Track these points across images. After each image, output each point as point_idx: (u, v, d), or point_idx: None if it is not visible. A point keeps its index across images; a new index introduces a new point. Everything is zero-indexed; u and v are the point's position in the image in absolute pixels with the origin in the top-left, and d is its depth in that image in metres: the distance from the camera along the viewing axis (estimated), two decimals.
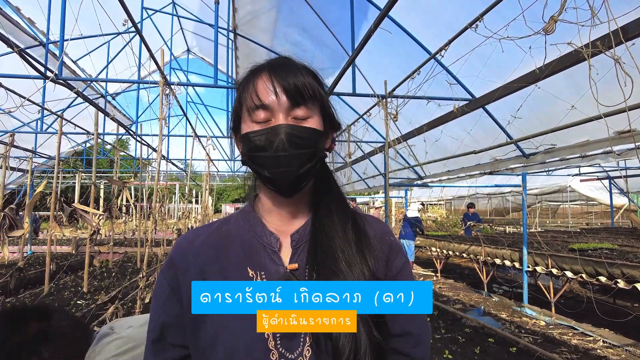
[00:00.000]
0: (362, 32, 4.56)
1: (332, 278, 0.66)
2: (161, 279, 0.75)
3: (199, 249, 0.75)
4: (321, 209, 0.76)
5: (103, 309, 4.80)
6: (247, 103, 0.69)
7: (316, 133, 0.69)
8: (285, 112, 0.67)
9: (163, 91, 4.18)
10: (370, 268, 0.70)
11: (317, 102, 0.70)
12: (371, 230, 0.77)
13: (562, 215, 16.82)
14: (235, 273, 0.71)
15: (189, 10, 8.14)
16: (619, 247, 5.32)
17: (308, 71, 0.72)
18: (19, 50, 3.23)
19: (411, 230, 8.70)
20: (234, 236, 0.76)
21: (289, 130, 0.66)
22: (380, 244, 0.77)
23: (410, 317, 0.74)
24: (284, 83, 0.66)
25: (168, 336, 0.72)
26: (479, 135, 5.39)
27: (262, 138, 0.66)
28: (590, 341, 4.49)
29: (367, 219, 0.80)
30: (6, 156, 5.53)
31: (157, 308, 0.74)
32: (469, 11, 3.47)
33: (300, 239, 0.74)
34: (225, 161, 11.95)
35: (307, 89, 0.67)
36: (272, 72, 0.68)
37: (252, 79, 0.70)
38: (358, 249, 0.71)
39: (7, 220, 4.08)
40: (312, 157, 0.69)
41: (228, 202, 45.52)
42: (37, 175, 11.62)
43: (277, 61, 0.72)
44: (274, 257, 0.72)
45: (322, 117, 0.73)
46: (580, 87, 3.63)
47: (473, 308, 6.05)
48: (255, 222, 0.76)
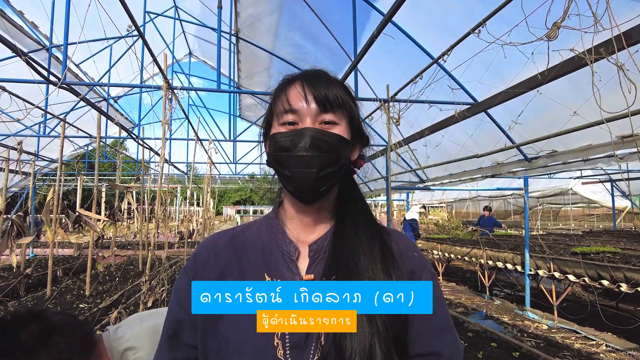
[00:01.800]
0: (365, 35, 4.58)
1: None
2: (183, 276, 0.76)
3: (221, 251, 0.76)
4: (345, 220, 0.75)
5: (106, 313, 4.80)
6: (278, 109, 0.71)
7: (340, 139, 0.70)
8: (313, 117, 0.69)
9: (166, 95, 4.19)
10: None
11: (346, 112, 0.72)
12: (395, 245, 0.75)
13: (564, 217, 16.79)
14: (252, 277, 0.72)
15: (191, 13, 8.17)
16: (621, 250, 5.31)
17: (341, 85, 0.74)
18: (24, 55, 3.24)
19: (411, 232, 8.71)
20: (256, 241, 0.77)
21: (314, 133, 0.67)
22: (404, 258, 0.75)
23: (439, 335, 0.71)
24: (315, 92, 0.69)
25: (182, 334, 0.73)
26: (481, 139, 5.40)
27: (287, 139, 0.68)
28: (593, 345, 4.48)
29: (391, 233, 0.79)
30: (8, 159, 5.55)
31: (176, 303, 0.75)
32: (471, 16, 3.49)
33: (319, 249, 0.74)
34: (227, 164, 11.96)
35: (337, 98, 0.69)
36: (305, 81, 0.70)
37: (285, 87, 0.73)
38: (383, 267, 0.69)
39: (14, 227, 4.08)
40: (334, 162, 0.69)
41: (229, 205, 45.56)
42: (39, 179, 11.63)
43: (311, 72, 0.74)
44: (291, 265, 0.72)
45: (350, 128, 0.73)
46: (583, 91, 3.64)
47: (475, 312, 6.04)
48: (277, 230, 0.77)
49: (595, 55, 2.36)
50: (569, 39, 2.46)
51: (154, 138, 8.55)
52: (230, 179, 18.04)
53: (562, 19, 2.10)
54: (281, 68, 7.63)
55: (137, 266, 9.04)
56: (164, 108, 4.08)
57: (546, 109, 4.25)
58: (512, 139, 4.90)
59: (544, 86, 3.35)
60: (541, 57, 2.65)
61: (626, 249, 5.53)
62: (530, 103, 3.98)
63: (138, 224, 10.22)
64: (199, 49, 10.40)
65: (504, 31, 2.80)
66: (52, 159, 9.33)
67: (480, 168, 6.14)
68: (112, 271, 8.53)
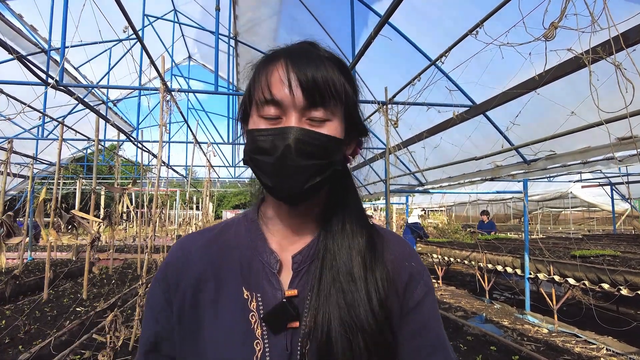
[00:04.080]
0: (363, 38, 4.57)
1: (335, 312, 0.59)
2: (155, 288, 0.69)
3: (196, 259, 0.68)
4: (333, 226, 0.65)
5: (102, 316, 4.77)
6: (257, 95, 0.60)
7: (333, 141, 0.59)
8: (299, 111, 0.57)
9: (164, 98, 4.19)
10: (381, 297, 0.61)
11: (341, 102, 0.60)
12: (390, 255, 0.67)
13: (564, 221, 16.77)
14: (230, 290, 0.64)
15: (190, 17, 8.19)
16: (621, 253, 5.28)
17: (335, 61, 0.61)
18: (20, 57, 3.23)
19: (412, 236, 8.69)
20: (234, 248, 0.68)
21: (300, 135, 0.56)
22: (398, 270, 0.67)
23: (430, 354, 0.64)
24: (302, 76, 0.56)
25: (163, 348, 0.67)
26: (480, 141, 5.39)
27: (267, 139, 0.57)
28: (594, 349, 4.44)
29: (386, 239, 0.70)
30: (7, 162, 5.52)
31: (151, 318, 0.68)
32: (469, 18, 3.48)
33: (303, 260, 0.65)
34: (226, 167, 11.96)
35: (329, 86, 0.57)
36: (290, 61, 0.58)
37: (265, 67, 0.60)
38: (370, 281, 0.61)
39: (4, 227, 4.06)
40: (323, 169, 0.59)
41: (228, 208, 45.48)
42: (38, 182, 11.61)
43: (298, 47, 0.62)
44: (272, 279, 0.64)
45: (345, 120, 0.62)
46: (581, 93, 3.63)
47: (475, 315, 6.00)
48: (257, 236, 0.68)
49: (593, 55, 2.35)
50: (567, 39, 2.45)
51: (152, 141, 8.54)
52: (230, 182, 18.04)
53: (559, 18, 2.09)
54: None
55: (135, 269, 9.01)
56: (161, 110, 4.08)
57: (544, 110, 4.24)
58: (511, 141, 4.89)
59: (541, 88, 3.35)
60: (539, 58, 2.65)
61: (626, 252, 5.50)
62: (529, 105, 3.98)
63: (136, 227, 10.19)
64: (199, 52, 10.43)
65: (501, 32, 2.79)
66: (51, 162, 9.32)
67: (479, 171, 6.13)
68: (110, 274, 8.50)
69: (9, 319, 5.19)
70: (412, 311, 0.65)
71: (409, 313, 0.65)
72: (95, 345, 4.02)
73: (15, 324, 4.85)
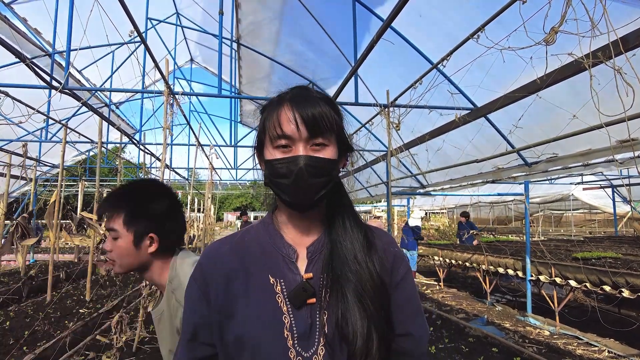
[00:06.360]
0: (365, 42, 4.61)
1: (344, 281, 0.77)
2: (192, 283, 0.85)
3: (224, 256, 0.84)
4: (336, 223, 0.84)
5: (107, 318, 4.79)
6: (270, 132, 0.77)
7: (331, 162, 0.77)
8: (304, 141, 0.75)
9: (167, 100, 4.22)
10: (378, 273, 0.80)
11: (333, 129, 0.78)
12: (379, 242, 0.87)
13: (565, 223, 16.76)
14: (258, 279, 0.80)
15: (193, 20, 8.24)
16: (622, 255, 5.29)
17: (325, 100, 0.80)
18: (26, 60, 3.27)
19: (414, 239, 8.69)
20: (256, 246, 0.85)
21: (308, 161, 0.74)
22: (386, 253, 0.86)
23: (413, 319, 0.86)
24: (304, 114, 0.74)
25: (200, 336, 0.81)
26: (481, 144, 5.41)
27: (283, 166, 0.75)
28: (595, 351, 4.45)
29: (374, 231, 0.89)
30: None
31: (190, 310, 0.84)
32: (470, 22, 3.52)
33: (315, 250, 0.83)
34: (227, 169, 11.98)
35: (324, 120, 0.76)
36: (295, 105, 0.76)
37: (275, 108, 0.78)
38: (369, 257, 0.81)
39: (19, 228, 4.12)
40: (326, 184, 0.77)
41: (230, 210, 45.55)
42: (40, 184, 11.66)
43: (298, 92, 0.80)
44: (291, 267, 0.81)
45: (338, 143, 0.81)
46: (582, 96, 3.65)
47: (476, 317, 6.01)
48: (275, 234, 0.85)
49: (593, 59, 2.38)
50: (567, 44, 2.48)
51: (155, 143, 8.58)
52: (232, 185, 18.06)
53: (559, 23, 2.12)
54: (282, 74, 7.67)
55: None
56: (165, 113, 4.11)
57: (546, 113, 4.27)
58: (512, 143, 4.92)
59: (543, 91, 3.37)
60: (540, 62, 2.68)
61: (628, 254, 5.50)
62: (530, 108, 4.00)
63: None
64: (201, 55, 10.48)
65: (503, 36, 2.82)
66: (54, 164, 9.36)
67: (480, 173, 6.14)
68: (113, 276, 8.52)
69: (14, 320, 5.23)
70: (399, 285, 0.85)
71: (397, 286, 0.85)
72: (99, 347, 4.05)
73: (20, 325, 4.88)
